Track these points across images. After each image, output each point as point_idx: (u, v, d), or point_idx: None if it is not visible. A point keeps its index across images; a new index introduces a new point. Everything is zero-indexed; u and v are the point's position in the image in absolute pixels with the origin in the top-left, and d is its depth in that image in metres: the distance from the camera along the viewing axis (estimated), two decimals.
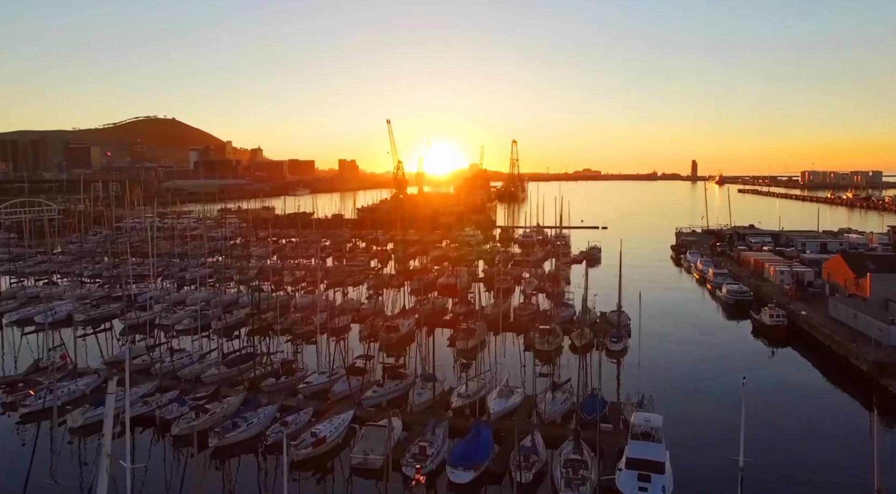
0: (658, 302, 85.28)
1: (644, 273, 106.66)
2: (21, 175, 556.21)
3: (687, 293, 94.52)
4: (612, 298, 73.50)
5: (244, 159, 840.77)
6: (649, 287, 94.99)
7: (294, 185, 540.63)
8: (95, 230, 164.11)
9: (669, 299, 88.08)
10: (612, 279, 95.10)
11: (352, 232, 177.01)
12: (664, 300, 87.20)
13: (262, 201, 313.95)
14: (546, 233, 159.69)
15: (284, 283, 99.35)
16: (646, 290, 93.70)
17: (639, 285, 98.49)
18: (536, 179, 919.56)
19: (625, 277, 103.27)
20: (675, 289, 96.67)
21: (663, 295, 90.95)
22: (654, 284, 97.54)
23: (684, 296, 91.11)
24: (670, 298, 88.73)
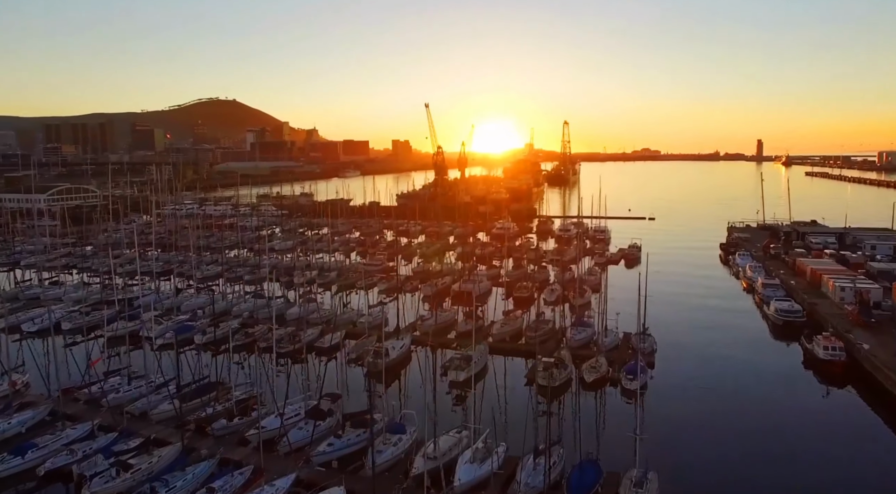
0: (694, 318, 75.13)
1: (685, 278, 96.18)
2: (89, 157, 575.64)
3: (731, 305, 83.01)
4: (648, 307, 64.13)
5: (300, 140, 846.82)
6: (688, 297, 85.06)
7: (345, 167, 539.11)
8: (131, 219, 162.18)
9: (708, 314, 77.51)
10: (651, 284, 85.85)
11: (386, 221, 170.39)
12: (702, 315, 76.81)
13: (304, 185, 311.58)
14: (587, 224, 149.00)
15: (296, 284, 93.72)
16: (684, 301, 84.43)
17: (677, 294, 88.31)
18: (592, 159, 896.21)
19: (663, 282, 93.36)
20: (717, 300, 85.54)
21: (702, 308, 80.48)
22: (693, 293, 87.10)
23: (726, 311, 79.67)
24: (709, 313, 78.09)
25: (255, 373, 55.89)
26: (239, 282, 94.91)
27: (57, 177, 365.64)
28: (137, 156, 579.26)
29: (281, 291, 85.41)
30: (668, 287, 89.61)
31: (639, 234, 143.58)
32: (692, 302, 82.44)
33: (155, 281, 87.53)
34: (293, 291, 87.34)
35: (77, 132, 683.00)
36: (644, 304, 61.12)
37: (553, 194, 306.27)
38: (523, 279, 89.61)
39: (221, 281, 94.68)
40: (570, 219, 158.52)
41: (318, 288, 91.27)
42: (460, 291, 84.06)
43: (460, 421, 46.00)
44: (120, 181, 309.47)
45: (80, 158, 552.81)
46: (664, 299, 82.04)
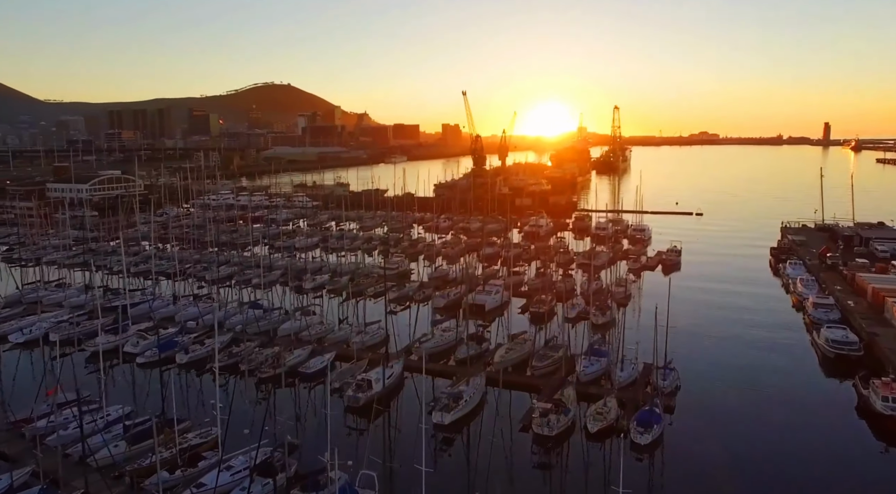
0: (730, 344, 66.04)
1: (726, 290, 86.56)
2: (147, 143, 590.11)
3: (775, 326, 72.40)
4: (675, 334, 56.24)
5: (350, 124, 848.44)
6: (726, 315, 75.75)
7: (392, 151, 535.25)
8: (163, 211, 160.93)
9: (747, 339, 68.04)
10: (684, 301, 77.16)
11: (418, 214, 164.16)
12: (740, 340, 67.50)
13: (344, 172, 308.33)
14: (626, 221, 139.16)
15: (305, 289, 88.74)
16: (720, 321, 74.51)
17: (713, 311, 78.44)
18: (646, 144, 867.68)
19: (699, 294, 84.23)
20: (760, 318, 75.49)
21: (741, 329, 70.99)
22: (733, 311, 77.58)
23: (769, 334, 69.37)
24: (749, 337, 68.55)
25: (232, 402, 50.92)
26: (247, 286, 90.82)
27: (112, 164, 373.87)
28: (191, 141, 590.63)
29: (282, 300, 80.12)
30: (705, 301, 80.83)
31: (683, 232, 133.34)
32: (730, 323, 73.10)
33: (154, 287, 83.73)
34: (300, 298, 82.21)
35: (137, 118, 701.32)
36: (666, 336, 53.09)
37: (601, 183, 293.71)
38: (545, 289, 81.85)
39: (225, 287, 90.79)
40: (611, 213, 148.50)
41: (326, 296, 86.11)
42: (474, 304, 77.22)
43: (441, 475, 39.88)
44: (171, 167, 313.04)
45: (138, 144, 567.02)
46: (698, 317, 73.67)
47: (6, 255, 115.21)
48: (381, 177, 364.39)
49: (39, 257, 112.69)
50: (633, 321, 72.87)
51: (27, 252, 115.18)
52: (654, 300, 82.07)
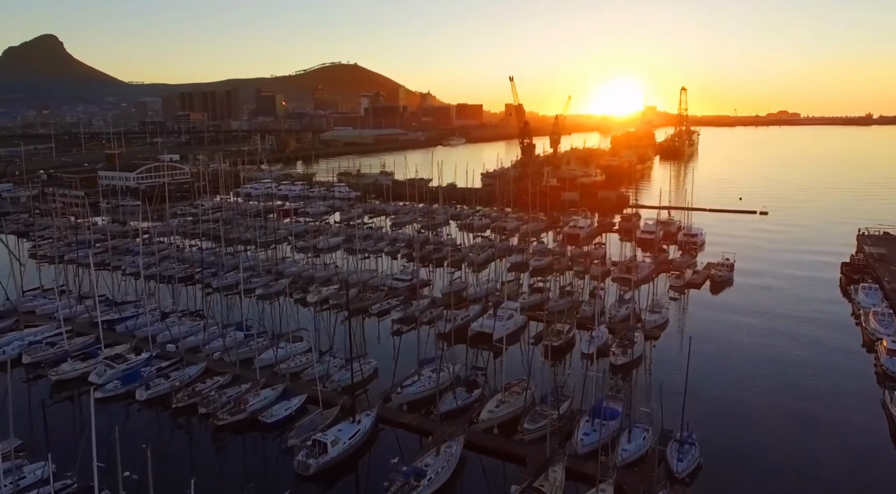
0: (774, 400, 54.48)
1: (783, 320, 74.17)
2: (213, 124, 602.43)
3: (836, 372, 60.68)
4: (707, 384, 46.52)
5: (413, 104, 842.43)
6: (774, 355, 63.78)
7: (451, 133, 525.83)
8: (196, 203, 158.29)
9: (799, 391, 56.32)
10: (727, 335, 66.08)
11: (458, 208, 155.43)
12: (791, 391, 55.95)
13: (392, 156, 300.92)
14: (678, 222, 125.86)
15: (309, 303, 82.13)
16: (765, 364, 61.46)
17: (760, 350, 65.37)
18: (719, 124, 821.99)
19: (750, 325, 72.33)
20: (820, 357, 63.55)
21: (793, 375, 59.29)
22: (787, 349, 65.53)
23: (829, 386, 57.61)
24: (802, 388, 56.84)
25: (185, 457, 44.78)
26: (251, 296, 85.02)
27: (177, 146, 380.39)
28: (256, 123, 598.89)
29: (273, 320, 73.21)
30: (753, 331, 68.97)
31: (742, 237, 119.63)
32: (779, 367, 61.44)
33: (145, 299, 78.65)
34: (298, 315, 75.35)
35: (207, 99, 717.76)
36: (684, 392, 43.15)
37: (663, 171, 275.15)
38: (570, 313, 72.07)
39: (230, 294, 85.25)
40: (665, 209, 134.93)
41: (328, 312, 79.17)
42: (480, 332, 68.49)
43: None
44: (229, 150, 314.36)
45: (206, 126, 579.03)
46: (740, 357, 62.28)
47: (32, 252, 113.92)
48: (438, 160, 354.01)
49: (63, 254, 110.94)
50: (661, 361, 62.61)
51: (51, 248, 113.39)
52: (693, 329, 71.96)
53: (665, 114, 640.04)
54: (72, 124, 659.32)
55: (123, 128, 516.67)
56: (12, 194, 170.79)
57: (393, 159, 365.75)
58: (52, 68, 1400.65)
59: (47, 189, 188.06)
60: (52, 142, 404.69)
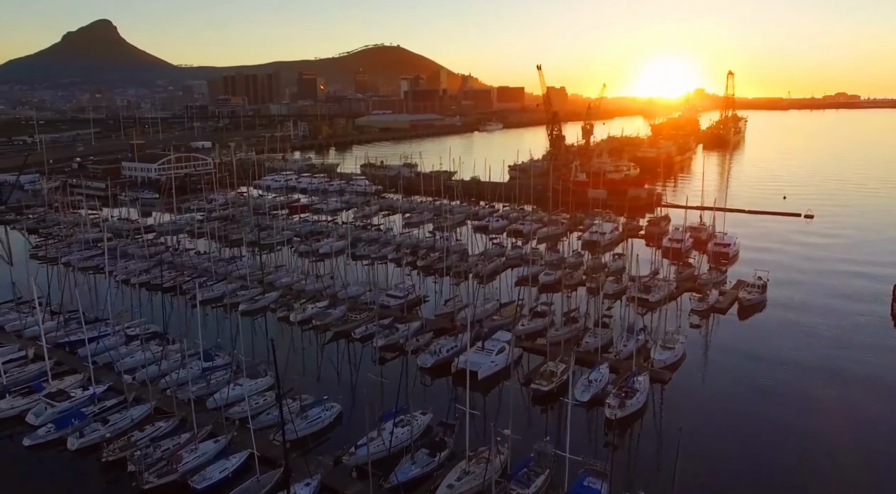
0: (801, 466, 45.22)
1: (819, 359, 63.95)
2: (253, 108, 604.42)
3: (879, 421, 51.27)
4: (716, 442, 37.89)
5: (454, 87, 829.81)
6: (805, 406, 54.01)
7: (490, 117, 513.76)
8: (210, 197, 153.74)
9: (831, 450, 47.10)
10: (748, 377, 56.16)
11: (481, 205, 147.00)
12: (817, 458, 46.67)
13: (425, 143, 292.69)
14: (710, 227, 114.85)
15: (292, 322, 75.73)
16: (792, 411, 49.86)
17: (791, 400, 55.41)
18: (771, 107, 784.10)
19: (775, 384, 62.15)
20: (860, 407, 53.78)
21: (828, 427, 49.85)
22: (820, 397, 55.77)
23: (865, 445, 48.49)
24: (834, 446, 47.60)
25: None
26: (234, 312, 79.10)
27: (214, 132, 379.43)
28: (295, 107, 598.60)
29: (242, 346, 66.85)
30: (778, 392, 58.90)
31: (781, 247, 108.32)
32: (811, 423, 51.98)
33: (112, 319, 73.28)
34: (276, 336, 68.89)
35: (248, 83, 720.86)
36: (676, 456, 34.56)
37: (707, 162, 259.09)
38: (569, 348, 63.69)
39: (216, 308, 79.63)
40: (699, 209, 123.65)
41: (309, 335, 72.66)
42: (460, 370, 60.70)
43: None
44: (261, 136, 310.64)
45: (246, 110, 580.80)
46: (759, 415, 52.83)
47: (33, 252, 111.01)
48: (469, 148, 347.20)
49: (62, 255, 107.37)
50: (667, 415, 53.88)
51: (51, 248, 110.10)
52: (710, 372, 62.71)
53: (713, 97, 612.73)
54: (121, 108, 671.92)
55: (169, 112, 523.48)
56: (35, 186, 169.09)
57: (426, 146, 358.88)
58: (107, 52, 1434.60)
59: (71, 180, 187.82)
60: (98, 126, 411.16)
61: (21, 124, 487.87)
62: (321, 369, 64.77)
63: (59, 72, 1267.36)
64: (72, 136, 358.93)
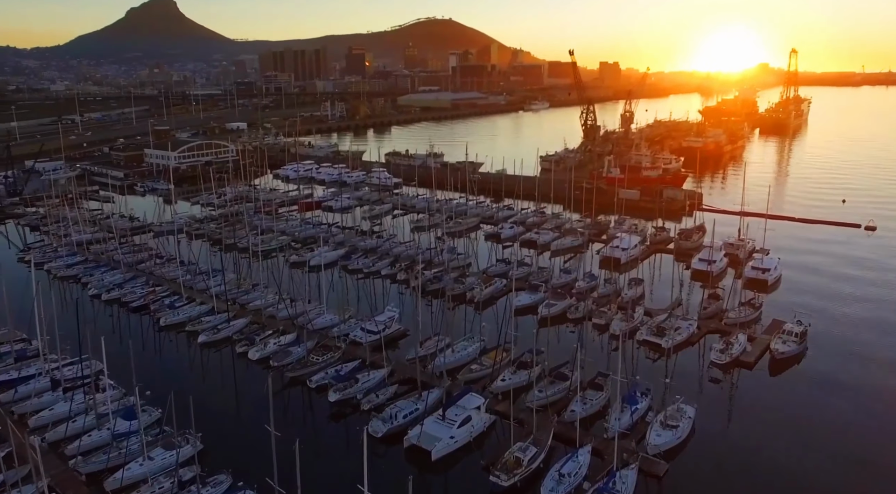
0: None
1: (876, 432, 50.97)
2: (299, 85, 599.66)
3: None
4: None
5: (504, 62, 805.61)
6: None
7: (534, 95, 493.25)
8: (221, 190, 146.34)
9: None
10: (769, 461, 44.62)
11: (504, 202, 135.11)
12: None
13: (467, 123, 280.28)
14: (752, 243, 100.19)
15: (250, 361, 66.96)
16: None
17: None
18: (841, 83, 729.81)
19: (813, 442, 50.12)
20: None
21: None
22: None
23: None
24: None
25: None
26: (193, 342, 71.25)
27: (254, 111, 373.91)
28: (342, 83, 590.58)
29: (177, 401, 58.25)
30: (820, 454, 46.50)
31: (835, 265, 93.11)
32: None
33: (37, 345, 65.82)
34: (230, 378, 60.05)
35: (296, 58, 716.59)
36: None
37: (760, 151, 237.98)
38: (546, 420, 52.73)
39: (179, 334, 71.71)
40: (740, 215, 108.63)
41: (265, 377, 63.65)
42: (416, 445, 50.69)
43: None
44: (297, 117, 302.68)
45: (290, 86, 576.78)
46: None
47: (21, 256, 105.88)
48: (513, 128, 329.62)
49: (49, 260, 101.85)
50: None
51: (38, 253, 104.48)
52: (720, 461, 50.29)
53: (778, 73, 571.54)
54: (175, 83, 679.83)
55: (220, 88, 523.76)
56: (55, 175, 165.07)
57: (466, 127, 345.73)
58: (167, 27, 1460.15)
59: (93, 167, 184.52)
60: (148, 104, 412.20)
61: (79, 101, 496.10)
62: (259, 431, 55.70)
63: (122, 47, 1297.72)
64: (117, 115, 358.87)
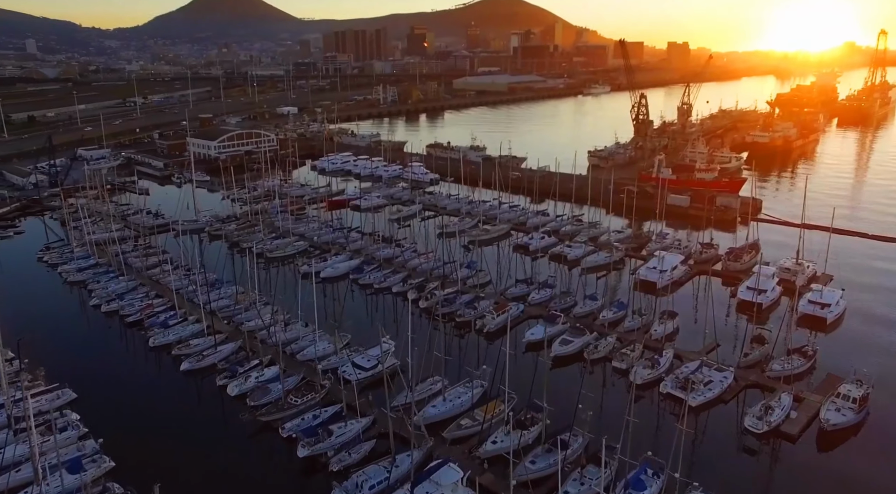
0: None
1: None
2: (357, 66, 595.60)
3: None
4: None
5: (568, 42, 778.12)
6: None
7: (595, 78, 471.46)
8: (253, 184, 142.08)
9: None
10: None
11: (546, 203, 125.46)
12: None
13: (523, 107, 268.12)
14: (811, 267, 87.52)
15: (228, 395, 61.41)
16: None
17: None
18: None
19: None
20: None
21: None
22: None
23: None
24: None
25: None
26: (176, 371, 66.35)
27: (309, 93, 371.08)
28: (400, 64, 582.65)
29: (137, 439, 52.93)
30: None
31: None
32: None
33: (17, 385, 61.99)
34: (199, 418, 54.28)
35: (357, 38, 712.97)
36: None
37: (836, 146, 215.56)
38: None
39: (166, 355, 66.85)
40: (801, 227, 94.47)
41: (228, 421, 57.87)
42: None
43: None
44: (360, 98, 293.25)
45: (349, 67, 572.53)
46: None
47: (39, 255, 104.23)
48: (569, 114, 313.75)
49: (66, 261, 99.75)
50: None
51: (55, 255, 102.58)
52: None
53: (867, 51, 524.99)
54: (240, 63, 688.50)
55: (283, 68, 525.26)
56: (95, 165, 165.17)
57: (521, 112, 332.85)
58: (238, 7, 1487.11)
59: (137, 156, 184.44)
60: (210, 85, 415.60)
61: (150, 81, 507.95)
62: (221, 486, 50.05)
63: (196, 27, 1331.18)
64: (178, 98, 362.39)
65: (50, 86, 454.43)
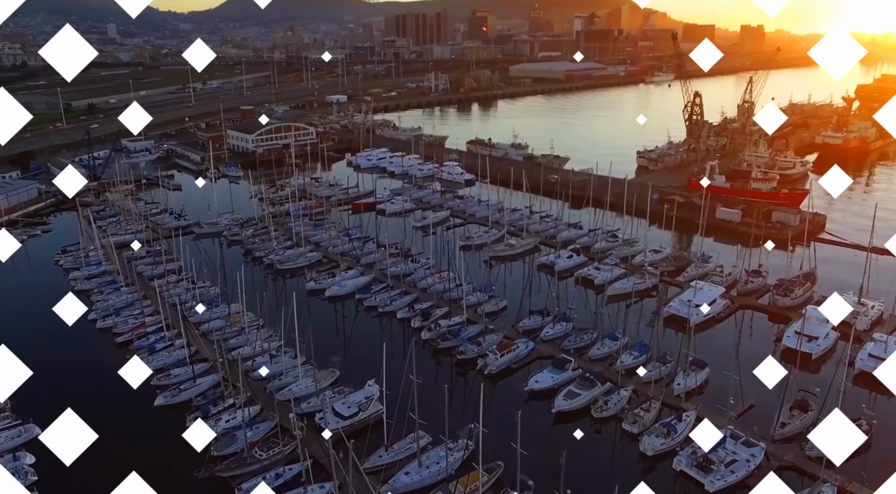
0: None
1: None
2: (416, 51, 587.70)
3: None
4: None
5: (634, 26, 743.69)
6: None
7: (658, 66, 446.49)
8: (282, 182, 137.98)
9: None
10: None
11: (584, 209, 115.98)
12: None
13: (583, 96, 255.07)
14: (877, 307, 75.44)
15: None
16: None
17: None
18: None
19: None
20: None
21: None
22: None
23: None
24: None
25: None
26: (162, 401, 62.14)
27: (362, 80, 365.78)
28: (458, 49, 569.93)
29: None
30: None
31: None
32: None
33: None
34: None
35: (417, 21, 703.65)
36: None
37: None
38: None
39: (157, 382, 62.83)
40: (865, 252, 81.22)
41: (186, 476, 52.90)
42: None
43: None
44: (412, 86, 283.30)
45: (407, 52, 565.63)
46: None
47: (57, 258, 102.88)
48: (627, 104, 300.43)
49: (78, 266, 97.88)
50: None
51: (70, 259, 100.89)
52: None
53: None
54: (306, 46, 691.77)
55: (343, 52, 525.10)
56: (135, 159, 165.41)
57: (577, 102, 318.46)
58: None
59: (177, 148, 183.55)
60: (268, 71, 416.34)
61: (211, 66, 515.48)
62: None
63: (266, 9, 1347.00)
64: (236, 83, 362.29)
65: (120, 71, 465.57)
